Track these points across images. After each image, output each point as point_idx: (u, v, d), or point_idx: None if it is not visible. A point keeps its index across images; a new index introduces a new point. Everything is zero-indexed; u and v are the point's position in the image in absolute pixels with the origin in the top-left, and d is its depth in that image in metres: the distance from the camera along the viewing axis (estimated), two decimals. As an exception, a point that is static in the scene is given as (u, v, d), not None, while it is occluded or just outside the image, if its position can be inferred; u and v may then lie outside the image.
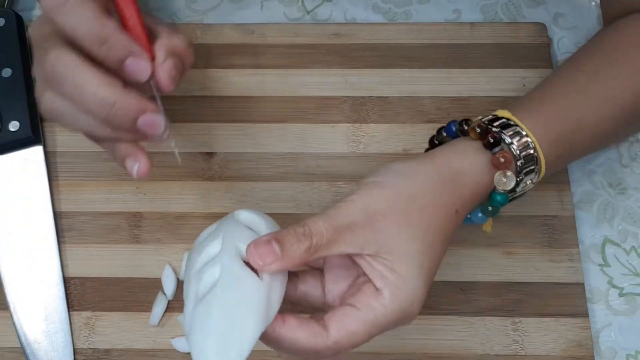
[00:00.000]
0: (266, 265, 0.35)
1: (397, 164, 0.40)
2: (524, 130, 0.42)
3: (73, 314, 0.50)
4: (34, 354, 0.48)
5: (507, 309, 0.50)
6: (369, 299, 0.36)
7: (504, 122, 0.43)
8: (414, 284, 0.37)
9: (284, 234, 0.36)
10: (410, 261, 0.37)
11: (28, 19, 0.61)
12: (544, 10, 0.61)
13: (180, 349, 0.48)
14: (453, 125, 0.44)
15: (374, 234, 0.37)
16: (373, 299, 0.36)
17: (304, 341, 0.35)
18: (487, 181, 0.41)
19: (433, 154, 0.41)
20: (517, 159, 0.42)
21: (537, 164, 0.42)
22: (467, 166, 0.41)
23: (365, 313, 0.36)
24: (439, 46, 0.58)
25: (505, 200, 0.42)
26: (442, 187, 0.39)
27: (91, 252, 0.52)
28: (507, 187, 0.41)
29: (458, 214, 0.40)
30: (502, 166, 0.41)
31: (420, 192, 0.38)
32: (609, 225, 0.53)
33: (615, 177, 0.55)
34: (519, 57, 0.58)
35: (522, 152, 0.42)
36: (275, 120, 0.56)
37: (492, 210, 0.43)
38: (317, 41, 0.59)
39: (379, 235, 0.37)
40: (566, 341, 0.48)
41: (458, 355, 0.48)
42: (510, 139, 0.42)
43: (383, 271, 0.36)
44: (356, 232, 0.36)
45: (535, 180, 0.43)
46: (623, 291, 0.51)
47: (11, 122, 0.54)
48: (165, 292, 0.50)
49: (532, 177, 0.43)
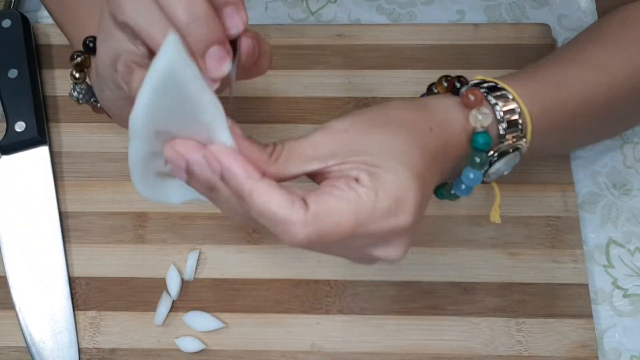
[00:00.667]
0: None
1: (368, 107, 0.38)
2: (499, 84, 0.39)
3: (78, 313, 0.50)
4: (39, 354, 0.49)
5: (510, 309, 0.49)
6: (349, 182, 0.32)
7: (491, 85, 0.40)
8: (397, 173, 0.33)
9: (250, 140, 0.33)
10: (387, 156, 0.33)
11: (34, 20, 0.61)
12: (548, 11, 0.61)
13: (184, 348, 0.48)
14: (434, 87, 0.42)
15: (339, 143, 0.33)
16: (352, 183, 0.32)
17: (277, 207, 0.30)
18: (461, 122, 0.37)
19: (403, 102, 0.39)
20: (494, 105, 0.39)
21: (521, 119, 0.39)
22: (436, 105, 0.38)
23: (347, 192, 0.31)
24: (443, 47, 0.58)
25: (487, 140, 0.37)
26: (410, 110, 0.36)
27: (96, 252, 0.52)
28: (485, 124, 0.37)
29: (433, 131, 0.36)
30: (474, 104, 0.37)
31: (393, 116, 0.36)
32: (613, 226, 0.53)
33: (620, 178, 0.55)
34: (523, 58, 0.58)
35: (499, 100, 0.39)
36: (280, 121, 0.56)
37: (479, 161, 0.38)
38: (321, 42, 0.59)
39: (344, 143, 0.33)
40: (570, 342, 0.48)
41: (461, 356, 0.48)
42: (495, 100, 0.39)
43: (357, 165, 0.33)
44: (318, 147, 0.33)
45: (523, 145, 0.40)
46: (627, 292, 0.51)
47: (17, 122, 0.54)
48: (169, 292, 0.50)
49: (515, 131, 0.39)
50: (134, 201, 0.53)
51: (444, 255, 0.51)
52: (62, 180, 0.54)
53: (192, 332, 0.49)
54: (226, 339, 0.49)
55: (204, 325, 0.49)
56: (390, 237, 0.33)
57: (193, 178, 0.33)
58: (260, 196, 0.31)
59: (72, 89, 0.45)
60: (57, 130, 0.56)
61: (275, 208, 0.31)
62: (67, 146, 0.56)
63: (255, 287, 0.50)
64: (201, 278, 0.51)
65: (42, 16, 0.62)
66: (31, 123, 0.54)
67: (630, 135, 0.56)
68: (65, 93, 0.57)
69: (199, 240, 0.52)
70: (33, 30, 0.59)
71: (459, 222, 0.52)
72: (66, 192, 0.54)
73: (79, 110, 0.57)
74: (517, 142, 0.40)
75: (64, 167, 0.55)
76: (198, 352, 0.49)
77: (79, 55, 0.43)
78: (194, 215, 0.53)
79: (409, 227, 0.33)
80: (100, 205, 0.53)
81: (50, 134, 0.56)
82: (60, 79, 0.58)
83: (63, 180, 0.54)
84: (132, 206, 0.53)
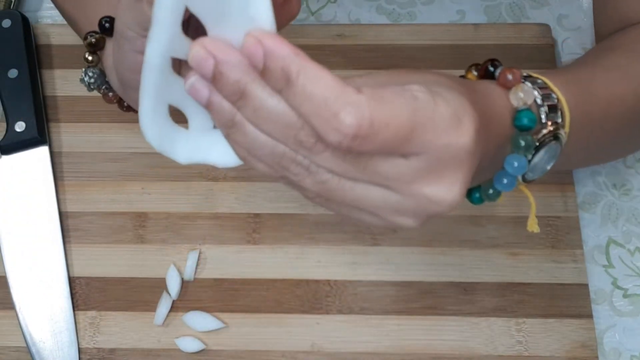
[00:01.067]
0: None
1: None
2: (545, 82, 0.36)
3: (78, 313, 0.50)
4: (39, 354, 0.49)
5: (510, 309, 0.49)
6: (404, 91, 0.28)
7: (523, 74, 0.35)
8: (455, 97, 0.29)
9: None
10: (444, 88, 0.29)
11: (34, 20, 0.61)
12: (548, 11, 0.61)
13: (184, 348, 0.48)
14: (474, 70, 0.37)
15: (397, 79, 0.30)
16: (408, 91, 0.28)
17: (327, 87, 0.27)
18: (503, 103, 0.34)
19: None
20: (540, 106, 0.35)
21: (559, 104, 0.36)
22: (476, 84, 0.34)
23: (404, 93, 0.28)
24: (443, 47, 0.58)
25: (532, 116, 0.33)
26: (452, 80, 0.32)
27: (96, 252, 0.52)
28: (528, 101, 0.34)
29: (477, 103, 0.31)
30: (513, 82, 0.34)
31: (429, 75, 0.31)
32: (613, 226, 0.53)
33: (620, 178, 0.55)
34: (523, 59, 0.58)
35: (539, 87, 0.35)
36: (280, 121, 0.56)
37: (524, 144, 0.34)
38: (321, 42, 0.59)
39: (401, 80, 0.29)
40: (570, 342, 0.48)
41: (461, 356, 0.48)
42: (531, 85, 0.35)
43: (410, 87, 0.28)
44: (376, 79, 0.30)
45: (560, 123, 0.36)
46: (627, 292, 0.51)
47: (17, 122, 0.54)
48: (169, 292, 0.50)
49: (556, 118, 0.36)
50: (134, 201, 0.53)
51: (444, 255, 0.51)
52: (62, 180, 0.54)
53: (192, 332, 0.49)
54: (226, 339, 0.49)
55: (204, 325, 0.49)
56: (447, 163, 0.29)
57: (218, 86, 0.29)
58: (309, 75, 0.27)
59: (84, 74, 0.43)
60: (57, 130, 0.56)
61: (324, 87, 0.27)
62: (67, 146, 0.56)
63: (255, 287, 0.50)
64: (201, 278, 0.51)
65: (42, 16, 0.62)
66: (31, 123, 0.54)
67: (630, 135, 0.56)
68: (66, 93, 0.57)
69: (199, 240, 0.52)
70: (33, 30, 0.59)
71: (459, 222, 0.52)
72: (66, 192, 0.54)
73: (79, 110, 0.57)
74: (557, 130, 0.36)
75: (64, 167, 0.55)
76: (198, 352, 0.48)
77: (92, 35, 0.41)
78: (194, 215, 0.53)
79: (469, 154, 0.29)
80: (100, 205, 0.53)
81: (50, 134, 0.56)
82: (60, 79, 0.58)
83: (63, 180, 0.54)
84: (132, 206, 0.53)
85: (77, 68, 0.58)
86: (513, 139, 0.34)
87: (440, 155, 0.28)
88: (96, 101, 0.57)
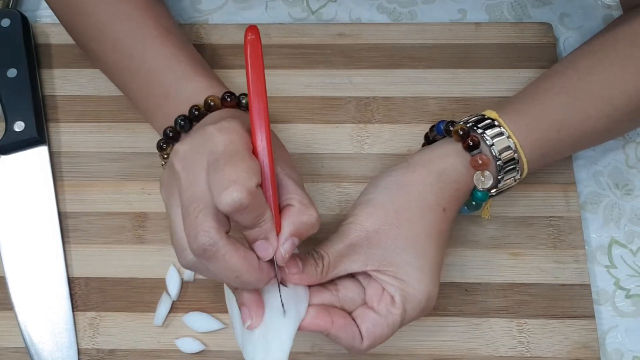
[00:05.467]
0: (291, 274, 0.40)
1: (383, 179, 0.44)
2: (506, 131, 0.45)
3: (77, 314, 0.50)
4: (38, 354, 0.49)
5: (512, 310, 0.49)
6: (388, 306, 0.41)
7: (489, 122, 0.45)
8: (420, 287, 0.41)
9: (303, 257, 0.41)
10: (410, 268, 0.42)
11: (33, 19, 0.61)
12: (550, 10, 0.61)
13: (184, 349, 0.48)
14: (441, 124, 0.47)
15: (372, 250, 0.42)
16: (391, 306, 0.41)
17: (343, 341, 0.42)
18: (467, 179, 0.45)
19: (416, 160, 0.45)
20: (497, 159, 0.45)
21: (518, 164, 0.45)
22: (448, 167, 0.44)
23: (385, 318, 0.41)
24: (444, 46, 0.58)
25: (484, 197, 0.45)
26: (426, 193, 0.43)
27: (96, 253, 0.52)
28: (485, 186, 0.45)
29: (446, 211, 0.44)
30: (480, 167, 0.44)
31: (405, 203, 0.43)
32: (615, 226, 0.53)
33: (622, 178, 0.54)
34: (525, 57, 0.58)
35: (502, 152, 0.44)
36: (280, 120, 0.56)
37: (475, 204, 0.46)
38: (322, 41, 0.59)
39: (376, 251, 0.42)
40: (572, 343, 0.48)
41: (462, 357, 0.48)
42: (491, 140, 0.44)
43: (390, 281, 0.42)
44: (357, 251, 0.42)
45: (518, 177, 0.46)
46: (630, 292, 0.51)
47: (16, 122, 0.54)
48: (169, 292, 0.50)
49: (514, 175, 0.46)
50: (134, 201, 0.53)
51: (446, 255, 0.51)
52: (61, 180, 0.54)
53: (192, 333, 0.49)
54: (226, 340, 0.49)
55: (204, 325, 0.49)
56: None
57: None
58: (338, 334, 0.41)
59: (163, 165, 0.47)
60: (56, 130, 0.56)
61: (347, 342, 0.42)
62: (66, 146, 0.55)
63: (256, 288, 0.50)
64: (201, 279, 0.51)
65: (42, 15, 0.62)
66: (30, 123, 0.54)
67: (632, 135, 0.56)
68: (65, 93, 0.57)
69: (198, 240, 0.52)
70: (32, 30, 0.59)
71: (460, 223, 0.52)
72: (65, 192, 0.54)
73: (78, 110, 0.56)
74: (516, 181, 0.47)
75: (63, 167, 0.55)
76: (198, 352, 0.48)
77: (165, 142, 0.46)
78: (194, 215, 0.53)
79: (432, 307, 0.43)
80: (100, 206, 0.53)
81: (50, 134, 0.56)
82: (59, 79, 0.58)
83: (62, 180, 0.54)
84: (131, 206, 0.53)
85: (76, 68, 0.58)
86: (468, 201, 0.46)
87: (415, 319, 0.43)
88: (96, 101, 0.57)
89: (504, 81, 0.57)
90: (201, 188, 0.36)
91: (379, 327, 0.41)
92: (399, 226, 0.42)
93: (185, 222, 0.37)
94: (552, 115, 0.46)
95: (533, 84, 0.49)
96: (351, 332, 0.41)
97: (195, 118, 0.45)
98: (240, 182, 0.35)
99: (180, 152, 0.38)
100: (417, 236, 0.42)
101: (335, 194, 0.53)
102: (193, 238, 0.36)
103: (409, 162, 0.45)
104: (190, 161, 0.37)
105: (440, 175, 0.44)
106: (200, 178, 0.37)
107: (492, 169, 0.45)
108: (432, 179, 0.44)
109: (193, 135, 0.39)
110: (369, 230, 0.42)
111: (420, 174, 0.44)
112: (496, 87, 0.57)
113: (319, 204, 0.53)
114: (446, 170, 0.44)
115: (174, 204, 0.38)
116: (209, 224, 0.36)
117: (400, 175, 0.44)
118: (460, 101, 0.56)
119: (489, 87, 0.57)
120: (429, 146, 0.47)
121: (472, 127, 0.45)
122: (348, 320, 0.41)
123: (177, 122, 0.45)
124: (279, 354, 0.40)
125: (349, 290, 0.43)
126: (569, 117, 0.46)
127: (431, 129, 0.49)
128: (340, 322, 0.41)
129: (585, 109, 0.46)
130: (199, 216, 0.36)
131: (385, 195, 0.43)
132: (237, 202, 0.35)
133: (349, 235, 0.42)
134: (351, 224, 0.42)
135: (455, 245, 0.51)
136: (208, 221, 0.36)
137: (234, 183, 0.35)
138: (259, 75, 0.38)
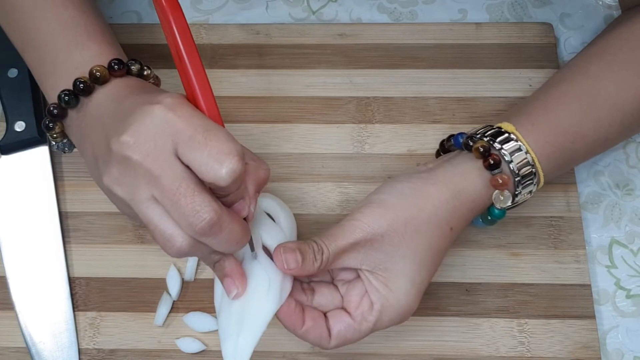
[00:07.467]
0: (288, 269, 0.41)
1: (401, 182, 0.44)
2: (525, 146, 0.44)
3: (78, 314, 0.50)
4: (39, 354, 0.49)
5: (513, 310, 0.49)
6: (364, 312, 0.42)
7: (506, 137, 0.45)
8: (405, 299, 0.42)
9: (304, 248, 0.41)
10: (402, 278, 0.42)
11: (34, 19, 0.61)
12: (551, 10, 0.61)
13: (185, 349, 0.48)
14: (460, 138, 0.47)
15: (372, 252, 0.42)
16: (367, 313, 0.42)
17: (310, 341, 0.43)
18: (485, 198, 0.45)
19: (436, 173, 0.45)
20: (516, 176, 0.44)
21: (535, 177, 0.45)
22: (467, 185, 0.44)
23: (358, 324, 0.42)
24: (445, 46, 0.58)
25: (502, 215, 0.46)
26: (440, 208, 0.43)
27: (96, 253, 0.52)
28: (504, 205, 0.45)
29: (453, 231, 0.44)
30: (500, 187, 0.44)
31: (417, 213, 0.43)
32: (616, 226, 0.53)
33: (622, 178, 0.54)
34: (525, 58, 0.58)
35: (521, 169, 0.44)
36: (280, 120, 0.56)
37: (490, 220, 0.46)
38: (323, 41, 0.59)
39: (376, 254, 0.42)
40: (573, 343, 0.48)
41: (463, 357, 0.48)
42: (510, 157, 0.44)
43: (378, 286, 0.42)
44: (357, 249, 0.42)
45: (534, 190, 0.46)
46: (630, 293, 0.51)
47: (17, 122, 0.54)
48: (170, 292, 0.50)
49: (530, 188, 0.46)
50: (134, 201, 0.53)
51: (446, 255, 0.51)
52: (62, 180, 0.54)
53: (193, 333, 0.49)
54: (227, 340, 0.49)
55: (205, 325, 0.49)
56: None
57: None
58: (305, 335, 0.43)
59: (55, 146, 0.47)
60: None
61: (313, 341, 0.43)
62: (67, 146, 0.55)
63: (256, 288, 0.50)
64: (202, 279, 0.51)
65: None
66: (31, 123, 0.54)
67: (633, 134, 0.56)
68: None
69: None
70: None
71: (460, 222, 0.52)
72: (66, 192, 0.54)
73: (79, 110, 0.56)
74: (531, 194, 0.46)
75: (64, 167, 0.55)
76: (198, 352, 0.48)
77: (51, 121, 0.44)
78: (195, 215, 0.53)
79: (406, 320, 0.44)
80: (101, 206, 0.53)
81: (50, 134, 0.56)
82: (60, 79, 0.58)
83: (63, 180, 0.54)
84: (132, 206, 0.53)
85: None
86: (484, 215, 0.46)
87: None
88: (96, 101, 0.57)
89: (505, 81, 0.57)
90: (179, 169, 0.36)
91: (350, 332, 0.42)
92: (404, 235, 0.42)
93: (180, 205, 0.36)
94: (567, 126, 0.46)
95: (542, 91, 0.48)
96: (318, 333, 0.42)
97: (82, 92, 0.42)
98: (233, 152, 0.35)
99: (130, 142, 0.36)
100: (419, 249, 0.42)
101: (336, 194, 0.53)
102: (196, 217, 0.36)
103: (431, 174, 0.45)
104: (149, 148, 0.36)
105: (458, 193, 0.44)
106: (172, 160, 0.36)
107: (510, 187, 0.44)
108: (449, 196, 0.43)
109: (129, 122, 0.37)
110: (375, 233, 0.42)
111: (439, 189, 0.44)
112: (497, 87, 0.57)
113: (319, 204, 0.53)
114: (465, 190, 0.44)
115: (143, 198, 0.37)
116: (209, 198, 0.36)
117: (420, 185, 0.44)
118: (460, 101, 0.56)
119: (489, 87, 0.57)
120: (450, 160, 0.46)
121: (489, 141, 0.45)
122: (317, 322, 0.42)
123: (62, 98, 0.42)
124: (249, 336, 0.41)
125: (323, 297, 0.44)
126: (583, 127, 0.46)
127: (448, 139, 0.48)
128: (309, 325, 0.42)
129: (599, 118, 0.46)
130: (195, 194, 0.36)
131: (400, 200, 0.43)
132: (237, 171, 0.35)
133: (353, 233, 0.42)
134: (358, 222, 0.42)
135: (455, 245, 0.51)
136: (206, 196, 0.36)
137: (228, 154, 0.35)
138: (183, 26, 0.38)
